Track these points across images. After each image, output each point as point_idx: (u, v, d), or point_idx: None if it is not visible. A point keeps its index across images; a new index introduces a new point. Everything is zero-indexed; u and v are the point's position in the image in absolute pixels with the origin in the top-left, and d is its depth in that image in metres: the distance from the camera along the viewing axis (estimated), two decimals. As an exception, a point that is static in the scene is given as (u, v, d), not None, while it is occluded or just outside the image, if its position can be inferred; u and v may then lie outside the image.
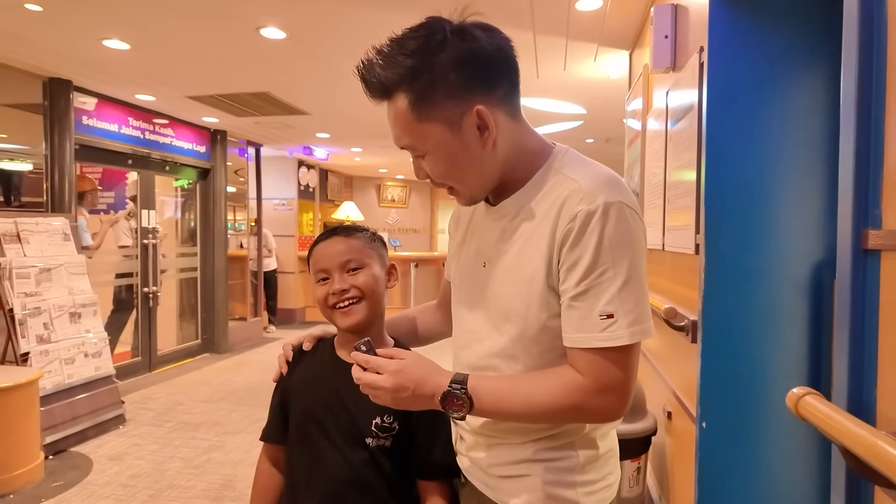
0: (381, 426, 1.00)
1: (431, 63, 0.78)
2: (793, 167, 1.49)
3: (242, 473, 2.96)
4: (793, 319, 1.50)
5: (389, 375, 0.81)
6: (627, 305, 0.77)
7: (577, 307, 0.79)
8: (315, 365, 1.08)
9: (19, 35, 3.13)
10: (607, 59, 3.42)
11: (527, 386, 0.82)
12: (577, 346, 0.79)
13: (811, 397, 0.74)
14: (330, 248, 1.04)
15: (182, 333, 5.72)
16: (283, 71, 3.86)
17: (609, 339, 0.77)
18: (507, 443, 0.91)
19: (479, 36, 0.80)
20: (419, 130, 0.81)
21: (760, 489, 1.51)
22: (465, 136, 0.81)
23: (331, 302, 1.02)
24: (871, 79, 0.76)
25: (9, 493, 2.69)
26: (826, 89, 1.47)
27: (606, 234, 0.77)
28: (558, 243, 0.80)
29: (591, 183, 0.80)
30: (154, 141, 4.98)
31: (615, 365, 0.78)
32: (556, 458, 0.88)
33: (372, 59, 0.81)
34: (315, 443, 1.02)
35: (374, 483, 0.99)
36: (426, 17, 0.83)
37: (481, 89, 0.81)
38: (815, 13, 1.46)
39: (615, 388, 0.78)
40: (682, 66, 1.96)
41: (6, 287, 3.17)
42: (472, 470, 0.96)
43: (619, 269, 0.77)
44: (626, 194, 0.81)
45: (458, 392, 0.80)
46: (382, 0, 2.67)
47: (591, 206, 0.78)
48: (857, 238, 0.77)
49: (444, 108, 0.80)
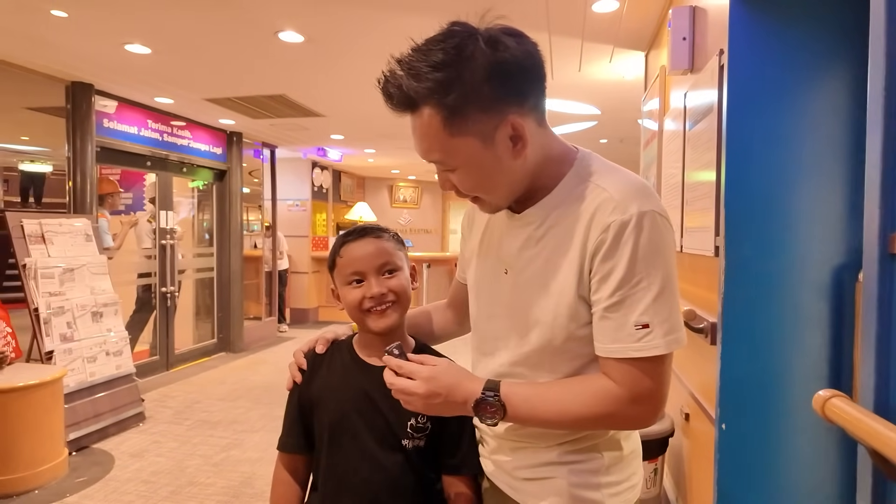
0: (416, 427, 0.99)
1: (463, 76, 0.75)
2: (813, 170, 1.49)
3: (261, 471, 3.00)
4: (813, 322, 1.50)
5: (422, 382, 0.82)
6: (662, 315, 0.77)
7: (612, 318, 0.78)
8: (336, 370, 1.05)
9: (44, 40, 3.20)
10: (623, 59, 3.42)
11: (560, 394, 0.82)
12: (611, 357, 0.79)
13: (838, 399, 0.75)
14: (364, 250, 1.01)
15: (198, 333, 5.79)
16: (300, 74, 3.90)
17: (644, 349, 0.77)
18: (531, 446, 0.91)
19: (510, 45, 0.76)
20: (451, 145, 0.78)
21: (780, 491, 1.51)
22: (497, 149, 0.79)
23: (366, 306, 0.99)
24: (898, 86, 0.77)
25: (34, 489, 2.75)
26: (847, 91, 1.47)
27: (641, 244, 0.76)
28: (590, 253, 0.79)
29: (622, 192, 0.79)
30: (172, 143, 5.05)
31: (650, 374, 0.78)
32: (580, 461, 0.88)
33: (395, 71, 0.78)
34: (347, 449, 1.00)
35: (408, 484, 0.99)
36: (450, 24, 0.79)
37: (515, 100, 0.78)
38: (836, 15, 1.46)
39: (649, 397, 0.79)
40: (700, 67, 1.96)
41: (32, 287, 3.24)
42: (496, 473, 0.97)
43: (653, 278, 0.77)
44: (657, 202, 0.80)
45: (492, 399, 0.80)
46: (400, 4, 2.69)
47: (625, 216, 0.77)
48: (883, 242, 0.78)
49: (478, 121, 0.77)
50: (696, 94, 1.93)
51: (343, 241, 1.04)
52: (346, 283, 1.02)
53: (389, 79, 0.78)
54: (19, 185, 4.20)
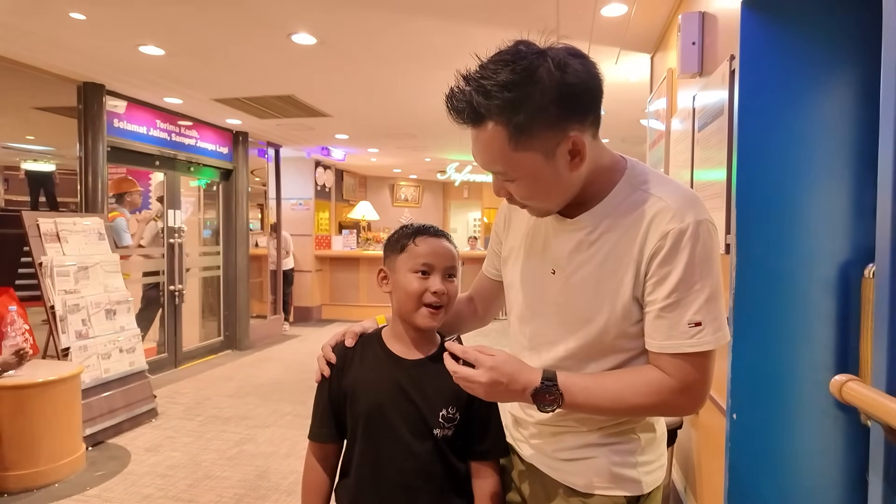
0: (447, 417, 1.04)
1: (532, 96, 0.79)
2: (821, 170, 1.56)
3: (276, 465, 3.06)
4: (820, 316, 1.57)
5: (486, 371, 0.87)
6: (713, 314, 0.84)
7: (667, 317, 0.85)
8: (369, 363, 1.09)
9: (60, 41, 3.25)
10: (628, 61, 3.49)
11: (616, 384, 0.88)
12: (665, 352, 0.86)
13: (854, 383, 0.82)
14: (441, 247, 1.06)
15: (204, 331, 5.84)
16: (310, 75, 3.96)
17: (697, 345, 0.84)
18: (573, 430, 0.97)
19: (577, 67, 0.81)
20: (514, 159, 0.83)
21: (790, 476, 1.58)
22: (557, 163, 0.84)
23: (428, 299, 1.03)
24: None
25: (54, 482, 2.80)
26: (854, 94, 1.53)
27: (697, 251, 0.83)
28: (647, 258, 0.85)
29: (679, 202, 0.86)
30: (180, 143, 5.10)
31: (699, 367, 0.85)
32: (619, 442, 0.96)
33: (462, 88, 0.82)
34: (381, 438, 1.04)
35: (439, 471, 1.04)
36: (516, 42, 0.82)
37: (577, 118, 0.83)
38: (843, 21, 1.53)
39: (698, 387, 0.86)
40: (709, 71, 2.03)
41: (48, 285, 3.29)
42: (534, 456, 1.03)
43: (706, 282, 0.84)
44: (707, 212, 0.87)
45: (551, 388, 0.86)
46: (412, 8, 2.75)
47: (682, 225, 0.83)
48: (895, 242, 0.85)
49: (543, 138, 0.82)
50: (706, 96, 2.00)
51: (420, 232, 1.07)
52: (412, 270, 1.04)
53: (457, 94, 0.82)
54: (28, 186, 4.25)
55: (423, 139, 6.62)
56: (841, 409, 1.56)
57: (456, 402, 1.04)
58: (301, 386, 4.62)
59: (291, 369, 5.21)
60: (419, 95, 4.48)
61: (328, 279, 8.13)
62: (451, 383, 1.00)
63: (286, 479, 2.91)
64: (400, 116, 5.32)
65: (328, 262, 8.09)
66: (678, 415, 0.96)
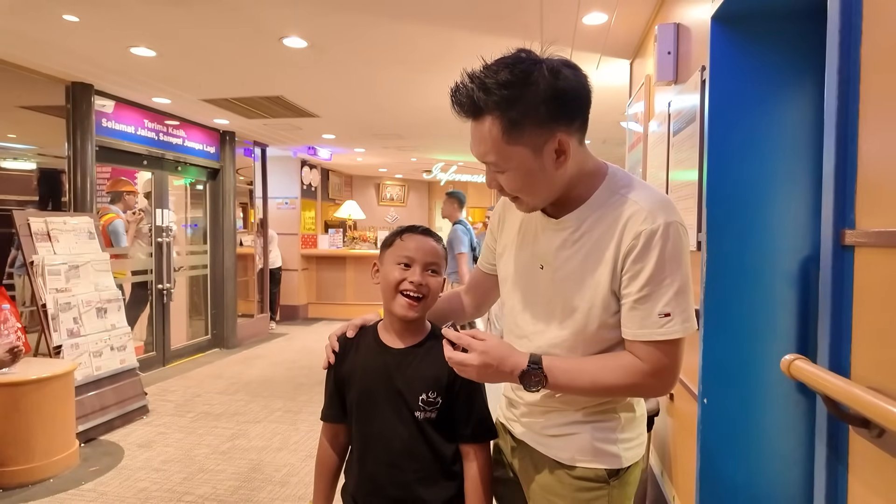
0: (427, 401, 1.12)
1: (526, 96, 0.89)
2: (783, 173, 1.69)
3: (269, 458, 3.14)
4: (784, 307, 1.70)
5: (477, 354, 0.97)
6: (681, 306, 0.94)
7: (640, 308, 0.95)
8: (362, 351, 1.19)
9: (52, 42, 3.28)
10: (609, 67, 3.63)
11: (594, 367, 0.98)
12: (638, 340, 0.96)
13: (800, 361, 0.94)
14: (423, 243, 1.16)
15: (191, 329, 5.86)
16: (300, 77, 4.03)
17: (667, 333, 0.94)
18: (559, 410, 1.08)
19: (567, 75, 0.91)
20: (506, 151, 0.93)
21: (756, 456, 1.72)
22: (544, 160, 0.94)
23: (404, 288, 1.12)
24: (847, 108, 0.96)
25: (49, 478, 2.85)
26: (810, 103, 1.67)
27: (666, 249, 0.93)
28: (623, 255, 0.95)
29: (651, 205, 0.95)
30: (167, 142, 5.12)
31: (668, 353, 0.95)
32: (601, 420, 1.06)
33: (466, 84, 0.92)
34: (371, 419, 1.15)
35: (422, 450, 1.13)
36: (518, 50, 0.93)
37: (564, 121, 0.93)
38: (802, 38, 1.66)
39: (668, 371, 0.96)
40: (684, 79, 2.16)
41: (39, 283, 3.32)
42: (525, 434, 1.13)
43: (674, 277, 0.94)
44: (678, 214, 0.97)
45: (536, 370, 0.96)
46: (401, 14, 2.85)
47: (654, 226, 0.93)
48: (836, 236, 0.97)
49: (532, 135, 0.92)
50: (680, 103, 2.13)
51: (407, 230, 1.19)
52: (394, 263, 1.14)
53: (461, 89, 0.93)
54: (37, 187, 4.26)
55: (410, 139, 6.70)
56: (802, 392, 1.70)
57: (436, 386, 1.12)
58: (290, 383, 4.69)
59: (280, 367, 5.26)
60: (406, 97, 4.57)
61: (314, 278, 8.17)
62: (432, 370, 1.13)
63: (279, 471, 2.99)
64: (387, 117, 5.41)
65: (314, 261, 8.14)
66: (651, 395, 1.06)
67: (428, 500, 1.12)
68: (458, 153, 7.93)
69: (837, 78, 0.97)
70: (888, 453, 0.83)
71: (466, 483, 1.15)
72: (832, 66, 0.98)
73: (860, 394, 0.78)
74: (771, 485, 1.73)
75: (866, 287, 0.91)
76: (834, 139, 0.98)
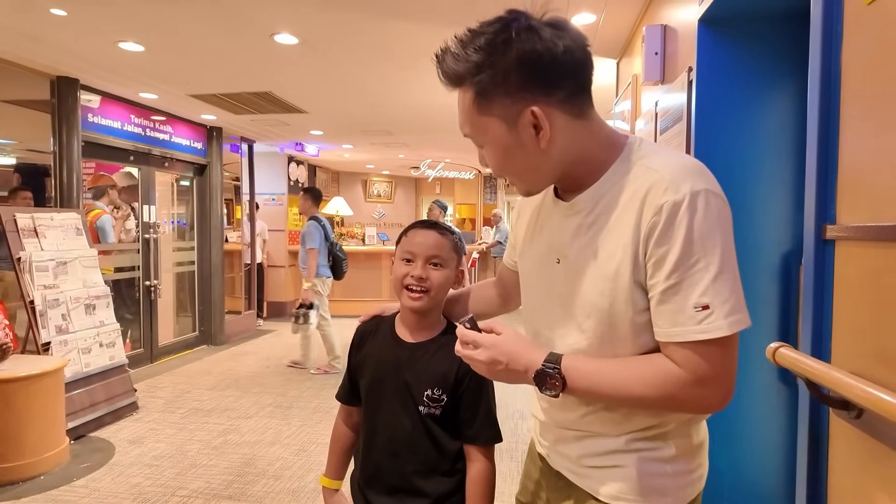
0: (432, 397, 1.13)
1: (494, 60, 0.78)
2: (767, 170, 1.76)
3: (261, 452, 3.16)
4: (767, 301, 1.78)
5: (484, 350, 0.85)
6: (723, 295, 0.75)
7: (670, 301, 0.76)
8: (378, 341, 1.23)
9: (38, 36, 3.25)
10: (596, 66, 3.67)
11: (622, 372, 0.81)
12: (672, 341, 0.77)
13: (784, 348, 1.00)
14: (424, 238, 1.15)
15: (179, 326, 5.83)
16: (290, 73, 4.03)
17: (706, 331, 0.74)
18: (596, 435, 0.90)
19: (545, 36, 0.77)
20: (479, 123, 0.83)
21: (740, 445, 1.79)
22: (520, 134, 0.81)
23: (407, 282, 1.13)
24: (829, 110, 1.02)
25: (40, 474, 2.84)
26: (792, 104, 1.74)
27: (696, 224, 0.74)
28: (644, 236, 0.78)
29: (674, 172, 0.78)
30: (154, 138, 5.08)
31: (714, 356, 0.76)
32: (649, 449, 0.87)
33: (448, 49, 0.82)
34: (379, 407, 1.18)
35: (423, 444, 1.14)
36: (506, 10, 0.81)
37: (541, 90, 0.79)
38: (786, 41, 1.73)
39: (715, 380, 0.77)
40: (670, 79, 2.22)
41: (27, 280, 3.30)
42: (557, 460, 0.97)
43: (710, 258, 0.74)
44: (712, 181, 0.79)
45: (552, 371, 0.81)
46: (392, 11, 2.87)
47: (677, 197, 0.75)
48: (818, 231, 1.03)
49: (502, 105, 0.80)
50: (668, 102, 2.19)
51: (414, 226, 1.20)
52: (400, 258, 1.17)
53: (442, 56, 0.82)
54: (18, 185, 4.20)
55: (398, 135, 6.72)
56: (783, 381, 1.77)
57: (442, 384, 1.14)
58: (280, 378, 4.70)
59: (269, 363, 5.27)
60: (395, 94, 4.58)
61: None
62: (440, 367, 1.15)
63: (272, 465, 3.01)
64: (375, 113, 5.42)
65: (301, 258, 8.12)
66: (697, 411, 0.85)
67: (426, 492, 1.14)
68: (446, 149, 7.96)
69: (820, 81, 1.03)
70: (866, 433, 0.89)
71: (468, 483, 1.15)
72: (815, 69, 1.04)
73: (841, 377, 0.84)
74: (753, 471, 1.80)
75: (846, 279, 0.97)
76: (816, 139, 1.04)
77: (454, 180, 10.37)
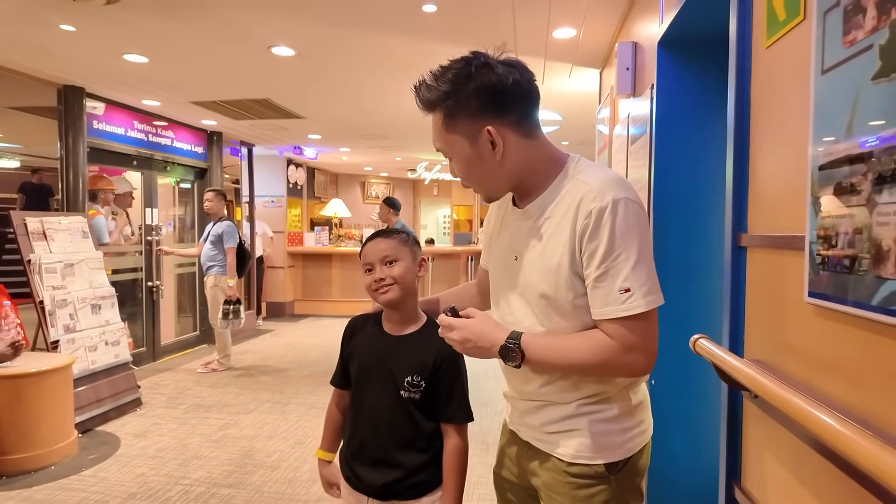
0: (412, 383, 1.30)
1: (459, 90, 0.99)
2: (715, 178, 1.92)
3: (259, 445, 3.32)
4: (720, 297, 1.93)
5: (458, 331, 1.06)
6: (640, 280, 0.94)
7: (600, 287, 0.96)
8: (366, 334, 1.40)
9: (47, 49, 3.41)
10: (580, 75, 3.85)
11: (568, 344, 1.01)
12: (604, 318, 0.97)
13: (703, 339, 1.16)
14: (374, 247, 1.32)
15: (180, 326, 6.00)
16: (287, 81, 4.19)
17: (629, 308, 0.94)
18: (553, 403, 1.08)
19: (499, 71, 0.99)
20: (447, 139, 1.04)
21: (696, 428, 1.95)
22: (480, 148, 1.02)
23: (373, 287, 1.31)
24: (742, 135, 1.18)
25: (50, 465, 3.00)
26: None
27: (617, 224, 0.94)
28: (578, 236, 0.98)
29: (601, 184, 0.98)
30: (156, 143, 5.25)
31: (636, 329, 0.95)
32: (597, 411, 1.05)
33: (424, 81, 1.04)
34: (365, 390, 1.36)
35: (403, 423, 1.31)
36: (470, 52, 1.02)
37: (495, 112, 1.00)
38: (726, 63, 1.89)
39: (640, 348, 0.96)
40: (640, 92, 2.38)
41: (36, 281, 3.46)
42: (527, 432, 1.15)
43: (629, 251, 0.94)
44: (630, 191, 0.99)
45: (513, 346, 1.01)
46: (381, 25, 3.03)
47: (603, 203, 0.95)
48: (734, 239, 1.19)
49: (465, 124, 1.01)
50: (636, 113, 2.35)
51: (364, 242, 1.38)
52: (363, 271, 1.35)
53: (419, 87, 1.04)
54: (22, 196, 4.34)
55: (394, 140, 6.88)
56: (736, 374, 1.93)
57: (421, 371, 1.32)
58: (278, 377, 4.86)
59: (268, 361, 5.43)
60: (390, 101, 4.75)
61: (300, 275, 8.32)
62: (420, 357, 1.32)
63: (270, 457, 3.17)
64: (371, 119, 5.58)
65: (300, 259, 8.28)
66: (629, 374, 1.03)
67: (403, 464, 1.32)
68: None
69: (734, 109, 1.19)
70: (763, 411, 1.05)
71: (445, 455, 1.33)
72: (731, 99, 1.20)
73: (735, 364, 1.00)
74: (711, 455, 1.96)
75: (754, 281, 1.13)
76: (732, 159, 1.20)
77: (451, 183, 10.54)
